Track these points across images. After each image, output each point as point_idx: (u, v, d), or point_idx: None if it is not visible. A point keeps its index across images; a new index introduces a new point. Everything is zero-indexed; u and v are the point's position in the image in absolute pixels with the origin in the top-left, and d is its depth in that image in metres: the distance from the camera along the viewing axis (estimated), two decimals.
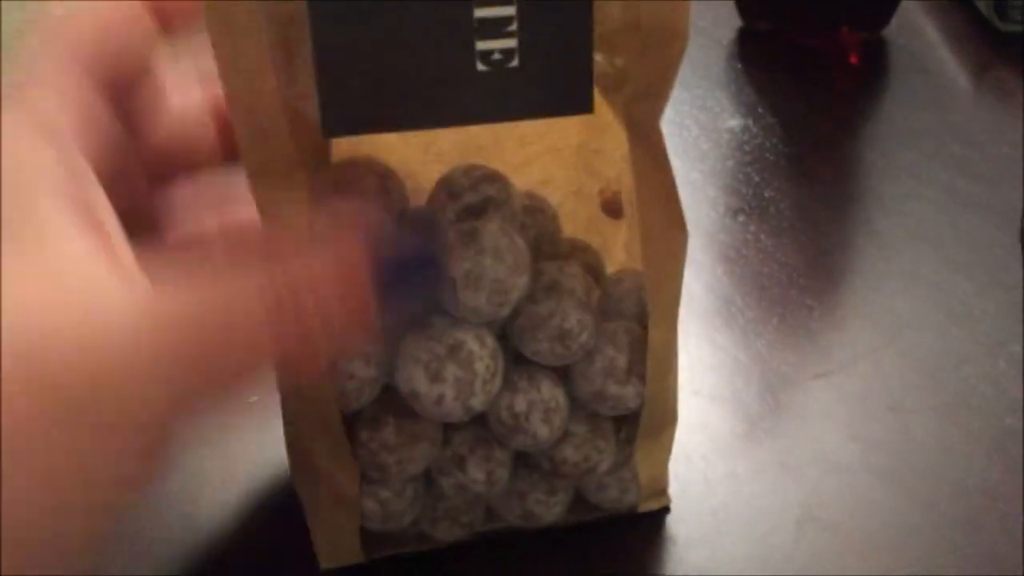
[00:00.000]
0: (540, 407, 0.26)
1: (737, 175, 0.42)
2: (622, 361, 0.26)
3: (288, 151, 0.22)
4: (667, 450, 0.29)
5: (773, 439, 0.32)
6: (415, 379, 0.25)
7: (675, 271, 0.26)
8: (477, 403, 0.25)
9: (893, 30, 0.49)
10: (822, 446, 0.32)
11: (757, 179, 0.41)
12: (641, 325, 0.27)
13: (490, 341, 0.25)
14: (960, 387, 0.33)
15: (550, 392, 0.26)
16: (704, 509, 0.30)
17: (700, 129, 0.44)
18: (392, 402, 0.26)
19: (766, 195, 0.41)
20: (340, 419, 0.25)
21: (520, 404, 0.26)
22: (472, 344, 0.25)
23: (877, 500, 0.30)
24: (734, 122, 0.44)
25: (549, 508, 0.28)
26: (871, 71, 0.48)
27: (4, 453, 0.18)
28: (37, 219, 0.19)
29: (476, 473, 0.26)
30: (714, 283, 0.37)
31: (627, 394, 0.27)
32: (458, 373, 0.24)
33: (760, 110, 0.45)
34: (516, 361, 0.26)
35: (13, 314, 0.18)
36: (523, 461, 0.27)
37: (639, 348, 0.26)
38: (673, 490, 0.30)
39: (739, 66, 0.48)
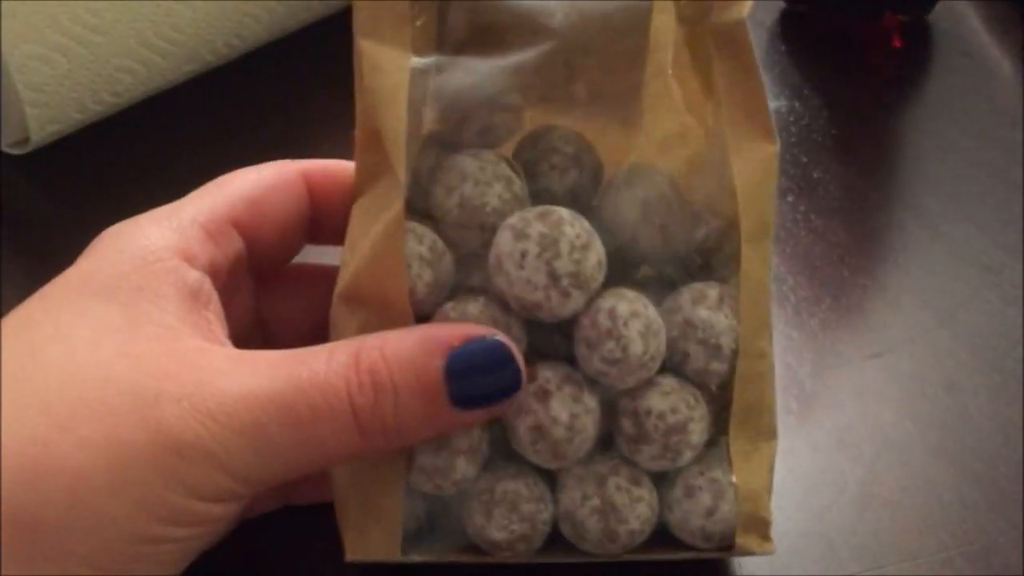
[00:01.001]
0: (642, 319, 0.24)
1: (785, 156, 0.41)
2: (713, 292, 0.26)
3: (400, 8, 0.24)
4: (766, 463, 0.26)
5: (829, 417, 0.32)
6: (502, 241, 0.24)
7: (765, 187, 0.25)
8: (563, 268, 0.24)
9: (935, 14, 0.49)
10: (878, 424, 0.32)
11: (805, 160, 0.41)
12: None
13: (584, 223, 0.24)
14: (1015, 367, 0.33)
15: (655, 315, 0.25)
16: None
17: None
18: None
19: (814, 176, 0.41)
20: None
21: (623, 309, 0.24)
22: (563, 212, 0.24)
23: (934, 478, 0.30)
24: (780, 103, 0.44)
25: (632, 503, 0.25)
26: (914, 55, 0.48)
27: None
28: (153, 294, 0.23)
29: (560, 411, 0.24)
30: None
31: (719, 323, 0.25)
32: (543, 230, 0.24)
33: (806, 91, 0.45)
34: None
35: (137, 372, 0.22)
36: (602, 447, 0.26)
37: (729, 285, 0.26)
38: None
39: (783, 48, 0.47)
